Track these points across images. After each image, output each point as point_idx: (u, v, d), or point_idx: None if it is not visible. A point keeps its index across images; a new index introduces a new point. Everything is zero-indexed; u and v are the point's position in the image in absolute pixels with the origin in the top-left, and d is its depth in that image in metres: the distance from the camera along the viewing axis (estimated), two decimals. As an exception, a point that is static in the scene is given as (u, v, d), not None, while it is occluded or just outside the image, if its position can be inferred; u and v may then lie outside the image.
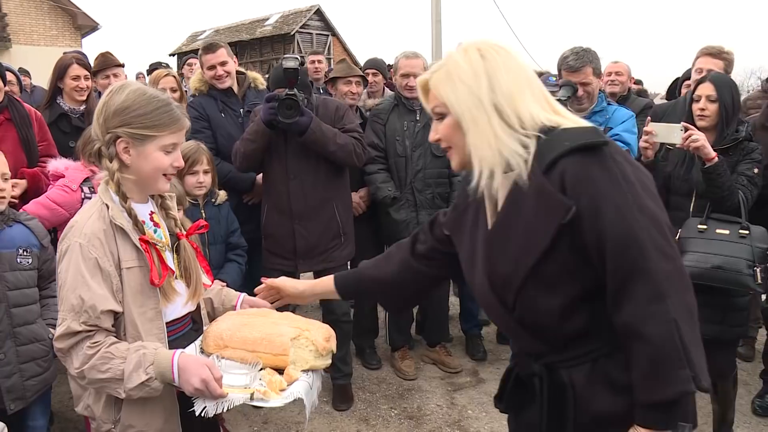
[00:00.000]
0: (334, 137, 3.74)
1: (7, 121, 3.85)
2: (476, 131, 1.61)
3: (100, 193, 2.00)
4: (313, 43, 36.74)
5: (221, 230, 3.67)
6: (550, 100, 1.71)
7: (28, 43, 23.02)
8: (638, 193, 1.52)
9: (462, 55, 1.66)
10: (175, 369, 1.82)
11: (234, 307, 2.32)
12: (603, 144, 1.55)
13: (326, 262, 3.96)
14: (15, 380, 2.81)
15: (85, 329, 1.84)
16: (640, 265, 1.48)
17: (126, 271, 1.93)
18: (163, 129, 1.94)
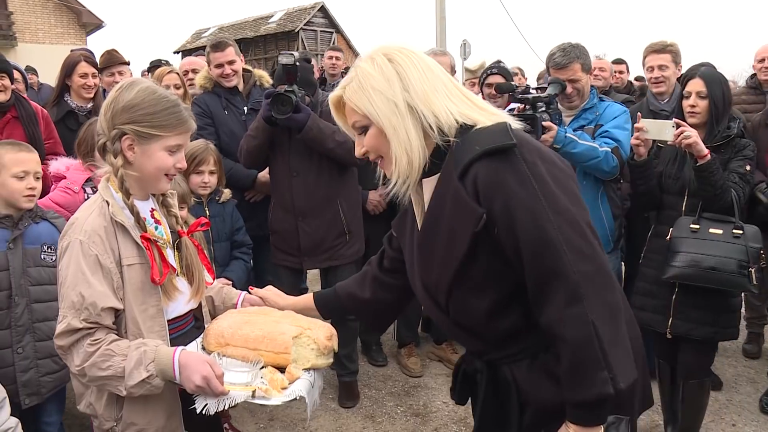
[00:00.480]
0: (333, 134, 3.67)
1: (14, 119, 3.88)
2: (396, 139, 1.62)
3: (101, 190, 1.99)
4: (317, 40, 36.74)
5: (225, 228, 3.65)
6: (467, 94, 1.71)
7: (34, 41, 23.12)
8: (552, 192, 1.50)
9: (370, 64, 1.66)
10: (176, 366, 1.82)
11: (235, 305, 2.31)
12: (511, 146, 1.53)
13: (332, 260, 3.95)
14: (31, 375, 2.85)
15: (85, 326, 1.84)
16: (555, 269, 1.48)
17: (127, 268, 1.92)
18: (169, 130, 1.94)
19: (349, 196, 4.01)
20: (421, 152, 1.62)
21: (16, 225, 2.87)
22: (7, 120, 3.86)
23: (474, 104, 1.68)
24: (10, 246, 2.84)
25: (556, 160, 1.62)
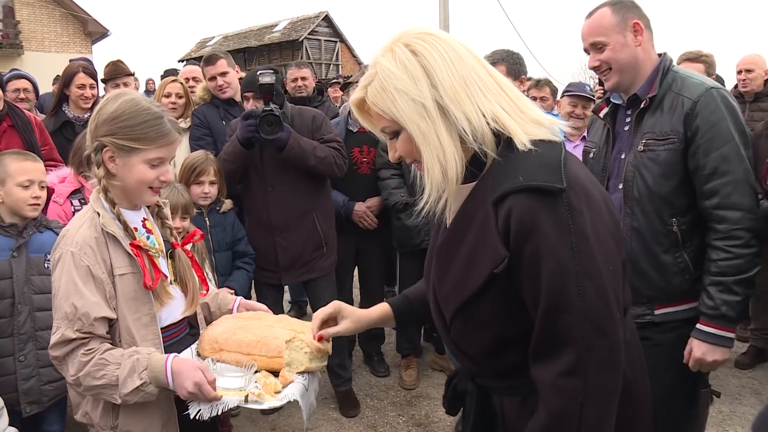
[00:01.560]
0: (314, 151, 3.65)
1: (10, 128, 3.91)
2: (427, 147, 1.43)
3: (92, 201, 2.01)
4: (321, 49, 36.89)
5: (226, 237, 3.65)
6: (506, 88, 1.49)
7: (40, 49, 23.31)
8: (589, 251, 1.35)
9: (391, 59, 1.45)
10: (168, 373, 1.83)
11: (230, 310, 2.32)
12: (559, 192, 1.35)
13: (309, 273, 3.91)
14: (32, 383, 2.86)
15: (79, 336, 1.86)
16: (566, 335, 1.36)
17: (119, 278, 1.94)
18: (148, 143, 1.94)
19: (325, 208, 3.97)
20: (458, 160, 1.42)
21: (21, 234, 2.90)
22: (3, 129, 3.90)
23: (513, 101, 1.47)
24: (14, 254, 2.86)
25: (602, 204, 1.44)
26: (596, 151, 2.70)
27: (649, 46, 2.50)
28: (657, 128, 2.41)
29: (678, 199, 2.38)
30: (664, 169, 2.38)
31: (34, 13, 23.98)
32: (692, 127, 2.33)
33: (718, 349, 2.34)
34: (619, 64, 2.47)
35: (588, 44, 2.53)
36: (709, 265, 2.35)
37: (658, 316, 2.46)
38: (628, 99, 2.55)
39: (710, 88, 2.35)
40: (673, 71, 2.46)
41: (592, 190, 1.43)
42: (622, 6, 2.47)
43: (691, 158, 2.34)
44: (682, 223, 2.39)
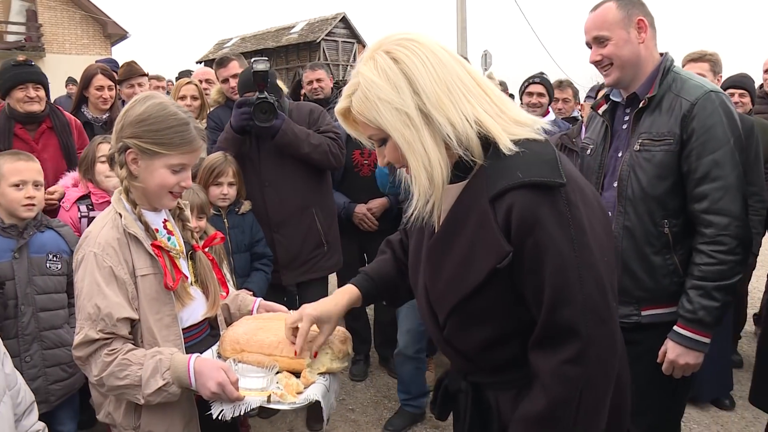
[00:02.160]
0: (308, 138, 3.63)
1: (49, 130, 3.97)
2: (412, 154, 1.44)
3: (114, 203, 2.03)
4: (338, 50, 36.95)
5: (245, 239, 3.63)
6: (489, 91, 1.50)
7: (61, 51, 23.59)
8: (587, 243, 1.39)
9: (372, 68, 1.46)
10: (191, 373, 1.84)
11: (250, 311, 2.32)
12: (560, 186, 1.39)
13: (310, 273, 3.86)
14: (39, 383, 2.87)
15: (102, 337, 1.87)
16: (571, 325, 1.39)
17: (141, 278, 1.95)
18: (172, 148, 1.95)
19: (325, 206, 3.92)
20: (443, 166, 1.45)
21: (21, 234, 2.91)
22: (42, 130, 3.96)
23: (494, 103, 1.49)
24: (16, 255, 2.87)
25: (593, 199, 1.50)
26: (593, 148, 2.69)
27: (651, 45, 2.48)
28: (654, 128, 2.40)
29: (671, 200, 2.37)
30: (659, 170, 2.37)
31: (56, 16, 24.30)
32: (688, 130, 2.32)
33: (692, 353, 2.34)
34: (621, 60, 2.46)
35: (591, 38, 2.53)
36: (693, 269, 2.34)
37: (645, 317, 2.45)
38: (627, 97, 2.54)
39: (709, 92, 2.34)
40: (674, 72, 2.45)
41: (584, 186, 1.49)
42: (628, 2, 2.46)
43: (685, 160, 2.33)
44: (674, 225, 2.38)
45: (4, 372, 1.68)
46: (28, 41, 23.30)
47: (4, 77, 3.89)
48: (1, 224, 2.88)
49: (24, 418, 1.79)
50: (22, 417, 1.76)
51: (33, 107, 3.85)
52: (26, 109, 3.84)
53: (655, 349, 2.41)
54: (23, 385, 1.79)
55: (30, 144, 3.86)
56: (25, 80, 3.83)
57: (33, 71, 3.92)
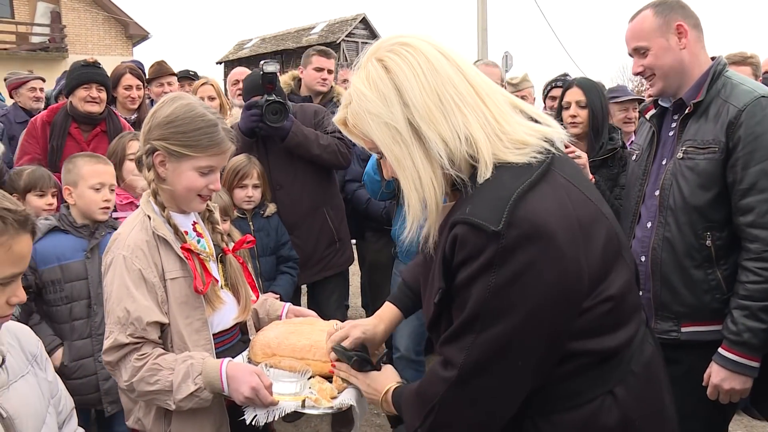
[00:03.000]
0: (317, 139, 3.63)
1: (102, 133, 4.02)
2: (402, 173, 1.35)
3: (142, 205, 1.99)
4: (358, 51, 36.90)
5: (270, 242, 3.60)
6: (489, 101, 1.37)
7: (83, 52, 23.78)
8: (507, 299, 1.26)
9: (363, 78, 1.38)
10: (224, 378, 1.80)
11: (279, 316, 2.29)
12: (494, 234, 1.24)
13: (325, 270, 3.87)
14: (112, 383, 2.85)
15: (132, 341, 1.84)
16: (449, 359, 1.36)
17: (170, 282, 1.91)
18: (200, 151, 1.90)
19: (334, 203, 3.93)
20: (436, 187, 1.34)
21: (93, 234, 2.91)
22: (95, 133, 4.01)
23: (493, 117, 1.35)
24: (88, 255, 2.87)
25: (567, 251, 1.27)
26: (639, 154, 2.60)
27: (697, 48, 2.37)
28: (699, 136, 2.29)
29: (714, 212, 2.25)
30: (702, 180, 2.26)
31: (79, 18, 24.56)
32: (734, 138, 2.20)
33: (738, 377, 2.19)
34: (663, 69, 2.36)
35: (631, 49, 2.44)
36: (738, 287, 2.21)
37: (685, 334, 2.33)
38: (674, 103, 2.44)
39: (760, 97, 2.21)
40: (725, 76, 2.33)
41: (556, 231, 1.27)
42: (665, 7, 2.36)
43: (730, 170, 2.22)
44: (718, 239, 2.26)
45: (47, 380, 1.66)
46: (52, 42, 23.59)
47: (72, 76, 3.99)
48: (75, 224, 2.90)
49: (65, 426, 1.77)
50: (63, 425, 1.74)
51: (93, 108, 3.92)
52: (86, 109, 3.90)
53: (697, 370, 2.28)
54: (64, 391, 1.77)
55: (81, 144, 3.93)
56: (90, 80, 3.91)
57: (99, 72, 4.01)
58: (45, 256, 2.81)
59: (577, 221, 1.33)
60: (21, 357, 1.57)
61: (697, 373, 2.28)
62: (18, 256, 1.40)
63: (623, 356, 1.41)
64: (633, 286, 1.47)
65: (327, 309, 3.62)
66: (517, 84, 5.54)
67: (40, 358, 1.66)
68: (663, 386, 1.51)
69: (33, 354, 1.63)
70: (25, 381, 1.54)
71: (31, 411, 1.51)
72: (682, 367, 2.24)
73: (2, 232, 1.36)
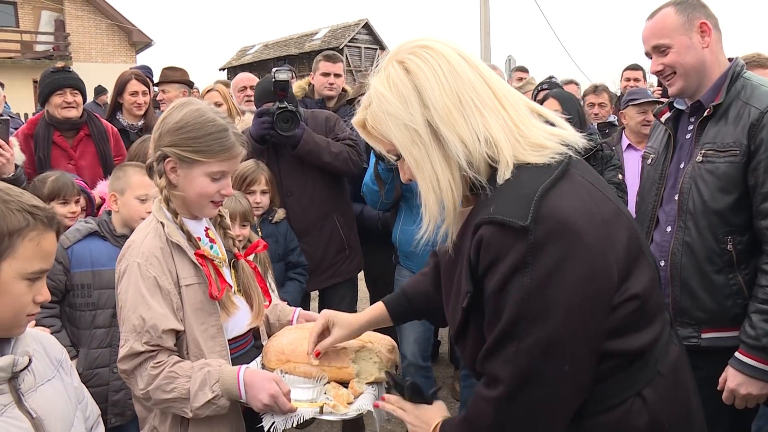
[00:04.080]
0: (328, 146, 3.61)
1: (87, 137, 3.99)
2: (421, 175, 1.35)
3: (155, 212, 1.99)
4: (361, 57, 37.03)
5: (279, 248, 3.56)
6: (508, 105, 1.37)
7: (87, 60, 23.94)
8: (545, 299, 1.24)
9: (384, 80, 1.38)
10: (241, 385, 1.79)
11: (290, 321, 2.28)
12: (521, 229, 1.23)
13: (334, 277, 3.84)
14: (121, 396, 2.85)
15: (147, 349, 1.83)
16: (494, 375, 1.32)
17: (185, 288, 1.91)
18: (210, 156, 1.90)
19: (345, 210, 3.91)
20: (454, 189, 1.34)
21: None
22: (80, 138, 3.99)
23: (512, 120, 1.35)
24: None
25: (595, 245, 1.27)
26: (655, 157, 2.56)
27: (717, 49, 2.33)
28: (719, 139, 2.25)
29: (735, 216, 2.21)
30: (723, 183, 2.22)
31: (83, 26, 24.69)
32: (756, 140, 2.16)
33: (755, 383, 2.15)
34: (685, 68, 2.31)
35: (650, 47, 2.39)
36: (757, 291, 2.17)
37: (705, 340, 2.29)
38: (692, 105, 2.39)
39: None
40: (743, 78, 2.29)
41: (582, 227, 1.27)
42: (687, 5, 2.31)
43: (752, 173, 2.18)
44: (739, 243, 2.22)
45: (74, 386, 1.66)
46: (56, 50, 23.74)
47: (44, 83, 3.95)
48: (114, 233, 2.90)
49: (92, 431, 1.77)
50: (90, 430, 1.73)
51: (70, 113, 3.89)
52: (64, 114, 3.88)
53: (717, 376, 2.24)
54: (89, 398, 1.76)
55: (68, 151, 3.91)
56: (63, 85, 3.88)
57: (70, 77, 3.98)
58: (80, 259, 2.81)
59: (601, 218, 1.32)
60: (47, 362, 1.58)
61: (716, 381, 2.24)
62: (46, 252, 1.43)
63: (650, 357, 1.39)
64: (656, 285, 1.45)
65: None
66: (520, 87, 5.53)
67: (66, 363, 1.66)
68: (690, 389, 1.49)
69: (58, 359, 1.63)
70: (52, 385, 1.54)
71: (59, 414, 1.51)
72: (701, 373, 2.18)
73: (33, 228, 1.40)
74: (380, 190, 3.37)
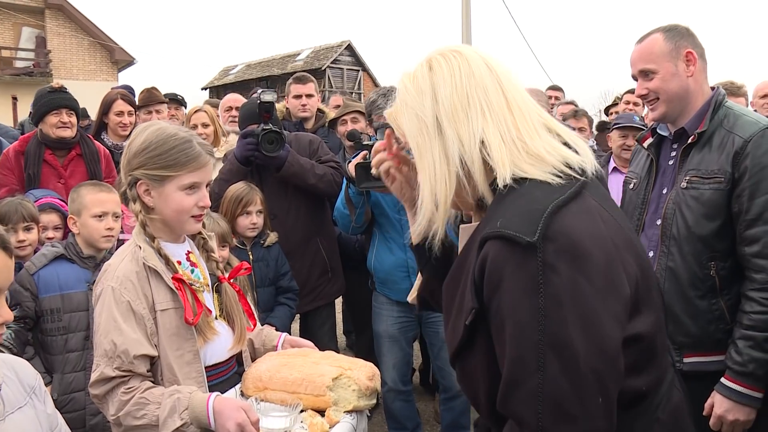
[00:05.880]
0: (312, 168, 3.63)
1: (78, 157, 3.98)
2: (421, 164, 1.36)
3: (134, 235, 1.97)
4: (343, 78, 37.22)
5: (270, 273, 3.51)
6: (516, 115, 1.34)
7: (68, 77, 23.74)
8: (563, 321, 1.15)
9: (411, 75, 1.43)
10: (210, 413, 1.77)
11: (275, 347, 2.26)
12: (528, 246, 1.17)
13: (317, 300, 3.84)
14: (99, 419, 2.78)
15: (119, 374, 1.81)
16: (520, 414, 1.19)
17: (161, 313, 1.89)
18: (179, 168, 1.90)
19: (327, 233, 3.92)
20: (448, 185, 1.32)
21: (98, 266, 2.84)
22: (71, 157, 3.98)
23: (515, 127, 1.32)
24: (91, 287, 2.80)
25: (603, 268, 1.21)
26: (637, 182, 2.59)
27: (701, 78, 2.38)
28: (703, 166, 2.29)
29: (719, 242, 2.24)
30: (707, 209, 2.25)
31: (64, 43, 24.55)
32: (740, 168, 2.20)
33: (742, 409, 2.17)
34: (668, 94, 2.35)
35: (636, 71, 2.43)
36: (742, 317, 2.20)
37: (687, 364, 2.30)
38: (675, 132, 2.43)
39: (765, 128, 2.22)
40: (726, 107, 2.34)
41: (591, 248, 1.20)
42: (676, 33, 2.36)
43: (736, 200, 2.21)
44: (722, 268, 2.25)
45: (47, 413, 1.62)
46: (36, 67, 23.56)
47: (40, 103, 3.94)
48: (80, 254, 2.87)
49: None
50: None
51: (65, 133, 3.88)
52: (58, 134, 3.87)
53: (698, 401, 2.20)
54: (63, 425, 1.73)
55: (58, 170, 3.90)
56: (60, 106, 3.87)
57: (67, 97, 3.97)
58: (47, 284, 2.78)
59: (612, 243, 1.27)
60: (18, 389, 1.54)
61: (698, 404, 2.23)
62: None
63: (651, 403, 1.33)
64: (662, 326, 1.39)
65: (320, 338, 3.58)
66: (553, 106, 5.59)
67: (39, 390, 1.62)
68: None
69: (31, 386, 1.59)
70: (23, 413, 1.51)
71: None
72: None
73: None
74: (351, 214, 3.36)
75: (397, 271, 3.46)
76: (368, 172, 3.12)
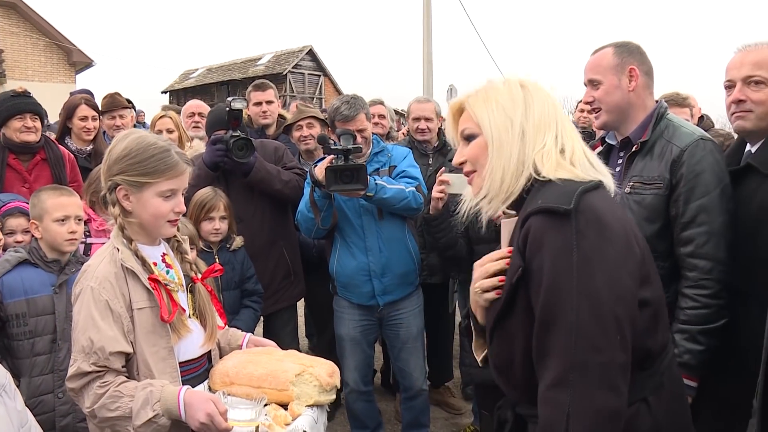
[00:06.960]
0: (279, 174, 3.76)
1: (43, 161, 3.99)
2: (498, 156, 1.62)
3: (113, 238, 2.08)
4: (305, 83, 37.17)
5: (235, 276, 3.60)
6: (572, 145, 1.65)
7: (23, 78, 23.15)
8: (590, 272, 1.43)
9: (503, 84, 1.69)
10: (181, 404, 1.88)
11: (240, 346, 2.38)
12: (566, 212, 1.47)
13: (279, 303, 3.95)
14: (69, 420, 2.83)
15: (95, 370, 1.91)
16: (555, 347, 1.44)
17: (137, 311, 1.99)
18: (157, 176, 2.02)
19: (290, 237, 4.04)
20: (514, 178, 1.60)
21: (63, 270, 2.89)
22: (36, 162, 4.00)
23: (569, 157, 1.62)
24: (56, 290, 2.85)
25: (621, 237, 1.52)
26: None
27: (644, 93, 2.55)
28: (645, 173, 2.46)
29: (659, 243, 2.39)
30: (648, 213, 2.42)
31: (18, 42, 23.93)
32: (677, 175, 2.38)
33: None
34: (609, 105, 2.53)
35: (587, 80, 2.62)
36: (678, 312, 2.37)
37: None
38: (621, 141, 2.61)
39: (699, 139, 2.41)
40: (667, 119, 2.52)
41: (612, 222, 1.51)
42: (625, 49, 2.54)
43: (673, 205, 2.39)
44: (662, 268, 2.34)
45: (17, 410, 1.68)
46: (-13, 66, 22.93)
47: (3, 107, 3.92)
48: (44, 258, 2.88)
49: None
50: None
51: (29, 137, 3.90)
52: (22, 138, 3.89)
53: None
54: (33, 421, 1.79)
55: (23, 174, 3.91)
56: (24, 110, 3.89)
57: (31, 102, 3.98)
58: (12, 289, 2.80)
59: (626, 223, 1.59)
60: None
61: None
62: None
63: (658, 367, 1.60)
64: (663, 301, 1.66)
65: (282, 339, 3.66)
66: None
67: (9, 387, 1.69)
68: (688, 412, 1.69)
69: (1, 384, 1.66)
70: None
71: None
72: None
73: None
74: (316, 217, 3.45)
75: (358, 275, 3.58)
76: (338, 176, 3.24)
